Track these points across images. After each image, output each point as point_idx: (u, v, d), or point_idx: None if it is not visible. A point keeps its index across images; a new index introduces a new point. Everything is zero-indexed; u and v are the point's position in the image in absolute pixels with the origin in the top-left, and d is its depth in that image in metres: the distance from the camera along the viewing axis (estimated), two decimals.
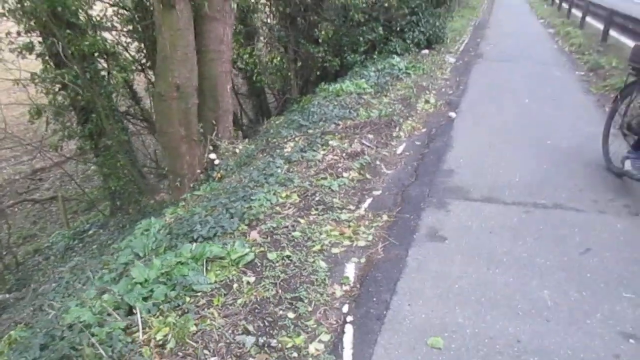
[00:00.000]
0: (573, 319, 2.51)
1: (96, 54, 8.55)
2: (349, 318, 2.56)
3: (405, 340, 2.39)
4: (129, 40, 10.37)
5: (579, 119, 5.81)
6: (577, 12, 15.60)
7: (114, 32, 9.93)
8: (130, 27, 9.84)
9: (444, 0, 11.72)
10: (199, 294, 2.75)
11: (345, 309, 2.64)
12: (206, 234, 3.42)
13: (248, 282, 2.84)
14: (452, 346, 2.35)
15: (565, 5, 18.71)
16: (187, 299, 2.71)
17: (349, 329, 2.48)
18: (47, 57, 8.67)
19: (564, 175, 4.29)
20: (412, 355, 2.30)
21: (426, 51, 10.29)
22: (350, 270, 2.98)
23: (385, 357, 2.30)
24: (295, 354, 2.31)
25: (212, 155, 6.85)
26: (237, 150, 6.92)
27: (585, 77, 8.16)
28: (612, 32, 10.64)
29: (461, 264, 3.01)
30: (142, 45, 10.38)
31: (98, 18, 8.96)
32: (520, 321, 2.50)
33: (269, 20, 12.07)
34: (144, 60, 10.83)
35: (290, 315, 2.57)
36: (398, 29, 10.10)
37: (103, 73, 9.03)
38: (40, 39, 8.45)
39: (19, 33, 8.36)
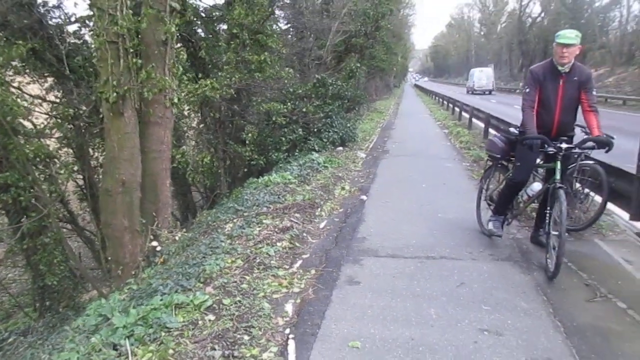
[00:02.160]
0: (449, 324, 3.54)
1: (38, 159, 9.16)
2: (291, 336, 3.43)
3: (333, 346, 3.29)
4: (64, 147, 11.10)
5: (462, 198, 7.24)
6: (466, 115, 18.30)
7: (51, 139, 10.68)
8: (62, 134, 10.63)
9: (353, 107, 13.63)
10: (172, 329, 3.50)
11: (287, 331, 3.51)
12: (169, 292, 4.18)
13: (210, 319, 3.65)
14: (366, 346, 3.27)
15: (457, 110, 21.75)
16: (163, 333, 3.45)
17: (291, 342, 3.34)
18: None
19: (449, 237, 5.53)
20: (338, 353, 3.20)
21: (340, 148, 11.87)
22: (289, 307, 3.86)
23: (319, 356, 3.17)
24: (252, 359, 3.13)
25: (154, 243, 7.52)
26: (177, 238, 7.66)
27: (469, 167, 9.90)
28: (491, 130, 12.85)
29: (372, 298, 4.00)
30: (79, 151, 11.15)
31: (41, 126, 9.72)
32: (413, 328, 3.49)
33: (199, 125, 13.31)
34: (75, 167, 11.49)
35: (246, 337, 3.39)
36: (315, 129, 11.65)
37: (42, 175, 9.61)
38: None
39: None
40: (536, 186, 4.99)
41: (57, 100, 11.60)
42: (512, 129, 5.32)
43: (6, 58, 8.51)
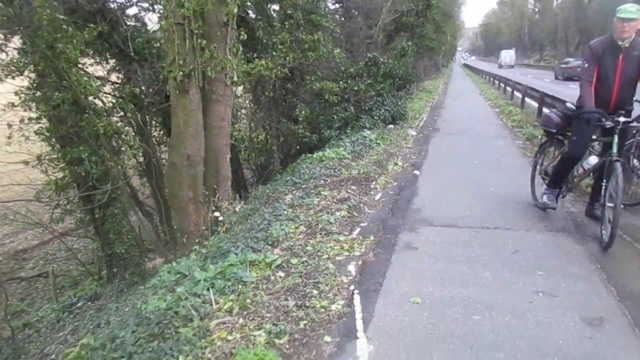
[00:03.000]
0: (505, 286, 3.76)
1: (107, 135, 9.78)
2: (356, 291, 3.74)
3: (395, 300, 3.58)
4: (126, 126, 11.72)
5: (515, 174, 7.32)
6: (518, 95, 17.98)
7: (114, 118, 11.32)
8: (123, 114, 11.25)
9: (404, 85, 13.71)
10: (247, 283, 3.88)
11: (352, 287, 3.82)
12: (241, 253, 4.57)
13: (280, 276, 4.01)
14: (426, 302, 3.55)
15: (509, 89, 21.33)
16: (240, 286, 3.84)
17: (356, 297, 3.66)
18: (53, 140, 9.71)
19: (502, 209, 5.68)
20: (400, 307, 3.49)
21: (391, 126, 12.03)
22: (352, 268, 4.18)
23: (383, 309, 3.47)
24: (323, 310, 3.46)
25: (217, 214, 8.00)
26: (237, 209, 8.11)
27: (522, 145, 9.88)
28: (545, 109, 12.65)
29: (429, 262, 4.26)
30: (139, 129, 11.76)
31: (109, 105, 10.38)
32: (470, 289, 3.73)
33: (252, 104, 13.76)
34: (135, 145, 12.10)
35: (315, 292, 3.73)
36: (367, 108, 11.85)
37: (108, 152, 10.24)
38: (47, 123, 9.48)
39: (30, 119, 9.51)
40: (592, 160, 5.06)
41: (119, 82, 12.26)
42: (568, 104, 5.38)
43: (79, 41, 9.09)
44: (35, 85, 9.20)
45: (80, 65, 10.90)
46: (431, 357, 2.86)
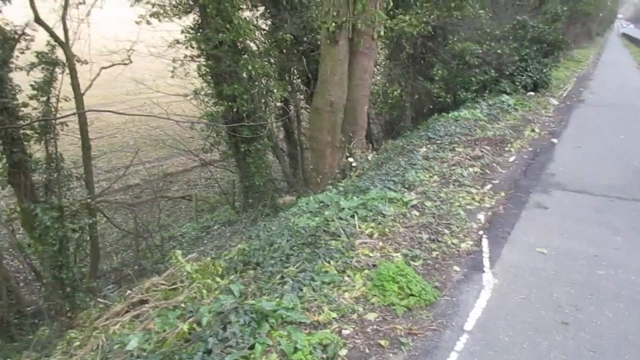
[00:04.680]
0: (635, 250, 3.89)
1: (259, 76, 10.73)
2: (484, 236, 4.11)
3: (521, 248, 3.91)
4: None
5: None
6: None
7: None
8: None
9: (552, 51, 13.04)
10: (386, 216, 4.41)
11: (480, 232, 4.20)
12: (380, 190, 5.10)
13: (415, 214, 4.49)
14: (552, 253, 3.83)
15: None
16: (380, 217, 4.38)
17: (484, 240, 4.04)
18: (209, 77, 10.83)
19: None
20: (526, 254, 3.81)
21: (532, 93, 11.66)
22: (481, 217, 4.53)
23: (509, 253, 3.82)
24: (453, 246, 3.90)
25: (351, 159, 8.62)
26: (369, 158, 8.65)
27: None
28: None
29: (558, 220, 4.47)
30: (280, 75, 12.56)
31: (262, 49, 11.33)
32: (597, 248, 3.93)
33: (388, 60, 14.00)
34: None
35: (446, 231, 4.16)
36: (508, 72, 11.56)
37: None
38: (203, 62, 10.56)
39: (192, 57, 10.70)
40: None
41: (266, 28, 13.14)
42: None
43: None
44: (198, 25, 10.28)
45: None
46: (551, 296, 3.19)
